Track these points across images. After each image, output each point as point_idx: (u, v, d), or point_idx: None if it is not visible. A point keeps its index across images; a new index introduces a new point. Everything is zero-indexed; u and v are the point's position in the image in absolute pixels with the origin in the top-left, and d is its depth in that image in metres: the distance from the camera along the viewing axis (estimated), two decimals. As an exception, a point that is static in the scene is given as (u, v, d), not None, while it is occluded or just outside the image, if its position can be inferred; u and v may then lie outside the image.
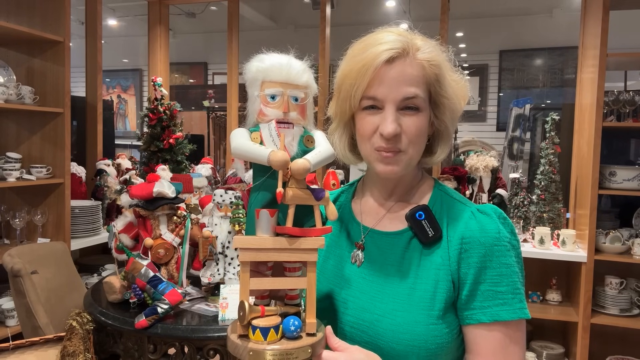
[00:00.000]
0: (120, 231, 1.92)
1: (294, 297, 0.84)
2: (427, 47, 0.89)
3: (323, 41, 3.53)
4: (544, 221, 3.08)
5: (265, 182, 0.80)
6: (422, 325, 0.85)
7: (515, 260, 0.87)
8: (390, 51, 0.86)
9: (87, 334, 1.76)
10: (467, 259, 0.86)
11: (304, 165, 0.77)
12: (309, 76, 0.83)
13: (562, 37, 5.20)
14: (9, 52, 2.80)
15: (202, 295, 1.92)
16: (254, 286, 0.78)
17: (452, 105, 0.91)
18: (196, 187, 2.41)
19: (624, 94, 2.84)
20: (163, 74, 4.01)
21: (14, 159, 2.64)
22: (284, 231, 0.78)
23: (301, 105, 0.82)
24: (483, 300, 0.85)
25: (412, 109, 0.87)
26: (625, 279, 2.89)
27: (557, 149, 3.08)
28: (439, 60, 0.89)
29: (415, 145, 0.89)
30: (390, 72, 0.86)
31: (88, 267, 3.04)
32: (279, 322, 0.76)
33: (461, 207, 0.92)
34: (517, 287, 0.86)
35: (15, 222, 2.62)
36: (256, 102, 0.81)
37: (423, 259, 0.90)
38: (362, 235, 0.97)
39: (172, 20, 4.45)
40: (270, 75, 0.80)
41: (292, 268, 0.82)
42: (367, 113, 0.89)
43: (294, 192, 0.77)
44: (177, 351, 1.66)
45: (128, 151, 5.57)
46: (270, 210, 0.78)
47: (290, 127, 0.81)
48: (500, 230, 0.87)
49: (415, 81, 0.87)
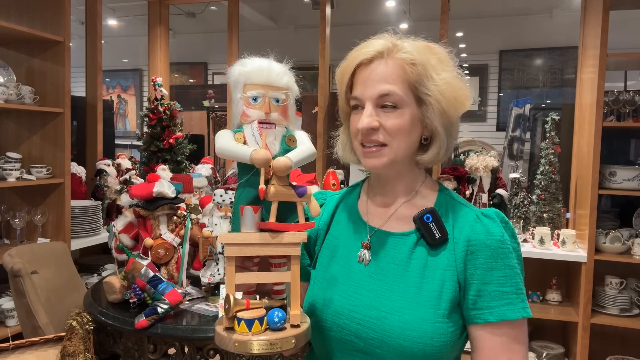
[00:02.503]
0: (120, 231, 1.92)
1: (280, 292, 0.87)
2: (409, 48, 0.92)
3: (323, 41, 3.52)
4: (544, 221, 3.08)
5: (248, 180, 0.83)
6: (429, 322, 0.87)
7: (516, 262, 0.91)
8: (367, 52, 0.92)
9: (87, 334, 1.76)
10: (474, 260, 0.90)
11: (285, 163, 0.80)
12: (289, 78, 0.87)
13: (562, 37, 5.19)
14: (9, 52, 2.80)
15: (202, 295, 1.92)
16: (239, 280, 0.80)
17: (440, 106, 0.91)
18: (196, 187, 2.41)
19: (624, 94, 2.84)
20: (163, 74, 4.01)
21: (14, 159, 2.64)
22: (267, 227, 0.80)
23: (282, 106, 0.86)
24: (490, 300, 0.89)
25: (389, 106, 0.91)
26: (625, 279, 2.90)
27: (557, 149, 3.08)
28: (422, 59, 0.91)
29: (400, 139, 0.92)
30: (369, 72, 0.92)
31: (88, 267, 3.04)
32: (264, 314, 0.79)
33: (466, 211, 0.96)
34: (520, 287, 0.90)
35: (15, 222, 2.62)
36: (239, 104, 0.85)
37: (429, 259, 0.92)
38: (369, 235, 0.99)
39: (172, 20, 4.44)
40: (252, 78, 0.84)
41: (278, 264, 0.85)
42: (354, 113, 0.96)
43: (276, 188, 0.80)
44: (177, 351, 1.66)
45: (128, 151, 5.57)
46: (254, 207, 0.81)
47: (272, 127, 0.84)
48: (503, 233, 0.91)
49: (390, 79, 0.90)
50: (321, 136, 3.54)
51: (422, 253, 0.93)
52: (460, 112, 0.96)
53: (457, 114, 0.95)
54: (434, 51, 0.95)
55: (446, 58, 0.95)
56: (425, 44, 0.95)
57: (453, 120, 0.95)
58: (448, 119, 0.94)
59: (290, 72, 0.88)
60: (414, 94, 0.92)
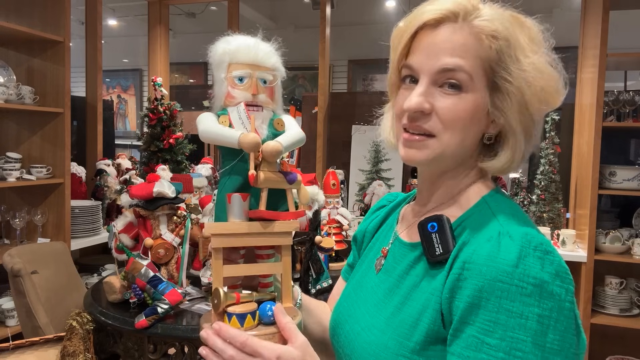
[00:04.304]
0: (120, 231, 1.92)
1: (268, 284, 0.82)
2: (491, 14, 0.71)
3: (323, 41, 3.52)
4: (544, 221, 3.08)
5: (235, 165, 0.78)
6: (390, 352, 0.71)
7: (538, 313, 0.60)
8: (435, 12, 0.71)
9: (87, 334, 1.76)
10: (462, 289, 0.65)
11: (275, 147, 0.74)
12: (277, 59, 0.80)
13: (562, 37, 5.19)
14: (9, 52, 2.80)
15: (202, 295, 1.92)
16: (228, 273, 0.75)
17: (521, 97, 0.71)
18: (196, 187, 2.41)
19: (624, 94, 2.84)
20: (163, 74, 4.01)
21: (14, 159, 2.64)
22: (257, 215, 0.75)
23: (270, 88, 0.79)
24: (464, 347, 0.64)
25: (453, 86, 0.71)
26: (625, 279, 2.90)
27: (557, 149, 3.08)
28: (507, 33, 0.71)
29: (453, 132, 0.72)
30: (431, 37, 0.72)
31: (88, 267, 3.04)
32: (256, 308, 0.74)
33: (491, 226, 0.70)
34: (520, 348, 0.60)
35: (15, 222, 2.62)
36: (223, 85, 0.78)
37: (425, 279, 0.74)
38: (390, 242, 0.87)
39: (172, 20, 4.44)
40: (238, 57, 0.77)
41: (266, 255, 0.79)
42: (405, 87, 0.76)
43: (266, 175, 0.75)
44: (177, 351, 1.66)
45: (128, 151, 5.57)
46: (243, 195, 0.75)
47: (259, 110, 0.78)
48: (524, 264, 0.62)
49: (461, 51, 0.70)
50: (321, 136, 3.54)
51: (420, 269, 0.75)
52: (546, 109, 0.74)
53: (542, 111, 0.74)
54: (526, 25, 0.75)
55: (539, 37, 0.75)
56: (513, 14, 0.75)
57: (536, 118, 0.74)
58: (530, 116, 0.73)
59: (277, 52, 0.81)
60: (487, 77, 0.72)
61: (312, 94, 4.26)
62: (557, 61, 0.75)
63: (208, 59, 0.81)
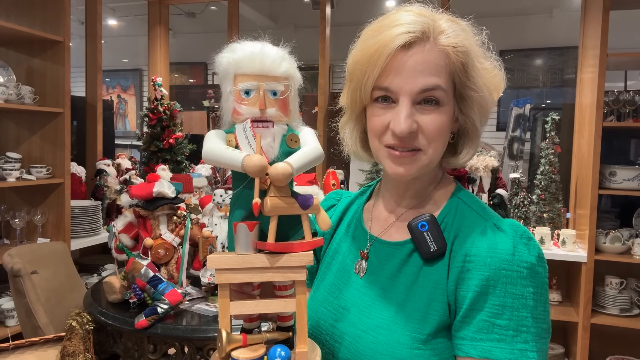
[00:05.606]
0: (120, 231, 1.92)
1: (287, 318, 0.72)
2: (452, 30, 0.76)
3: (323, 41, 3.52)
4: (544, 221, 3.08)
5: (243, 191, 0.68)
6: (405, 348, 0.74)
7: (532, 292, 0.71)
8: (407, 35, 0.73)
9: (87, 334, 1.76)
10: (467, 280, 0.73)
11: (284, 170, 0.64)
12: (288, 65, 0.70)
13: (562, 37, 5.19)
14: (9, 52, 2.80)
15: (202, 295, 1.92)
16: (235, 311, 0.67)
17: (481, 99, 0.78)
18: (196, 187, 2.42)
19: (624, 94, 2.84)
20: (163, 74, 4.01)
21: (14, 159, 2.65)
22: (264, 247, 0.66)
23: (281, 100, 0.69)
24: (476, 331, 0.71)
25: (431, 102, 0.75)
26: (625, 279, 2.90)
27: (557, 149, 3.08)
28: (467, 45, 0.76)
29: (437, 144, 0.77)
30: (407, 59, 0.73)
31: (88, 267, 3.04)
32: (263, 353, 0.66)
33: (477, 220, 0.78)
34: (525, 324, 0.70)
35: (15, 222, 2.62)
36: (230, 99, 0.69)
37: (421, 275, 0.78)
38: (368, 244, 0.87)
39: (172, 20, 4.45)
40: (242, 67, 0.68)
41: (283, 286, 0.70)
42: (379, 107, 0.77)
43: (274, 201, 0.66)
44: (177, 351, 1.66)
45: (128, 151, 5.57)
46: (249, 224, 0.66)
47: (269, 127, 0.68)
48: (517, 252, 0.72)
49: (436, 70, 0.74)
50: (321, 137, 3.54)
51: (414, 267, 0.79)
52: (496, 98, 0.81)
53: (493, 102, 0.81)
54: (471, 32, 0.79)
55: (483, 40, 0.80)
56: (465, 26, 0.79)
57: (489, 109, 0.81)
58: (485, 113, 0.81)
59: (290, 57, 0.71)
60: (455, 88, 0.77)
61: (312, 94, 4.26)
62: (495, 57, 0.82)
63: (214, 71, 0.74)
